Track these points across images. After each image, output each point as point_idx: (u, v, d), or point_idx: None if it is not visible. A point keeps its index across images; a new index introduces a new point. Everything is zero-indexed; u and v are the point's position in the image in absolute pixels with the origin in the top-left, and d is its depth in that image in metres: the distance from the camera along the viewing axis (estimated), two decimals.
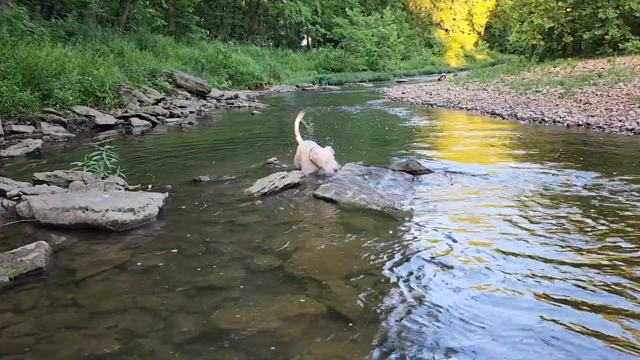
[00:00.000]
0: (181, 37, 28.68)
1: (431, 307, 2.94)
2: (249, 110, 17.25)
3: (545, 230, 4.18)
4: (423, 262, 3.60)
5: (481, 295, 3.07)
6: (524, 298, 3.02)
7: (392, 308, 2.93)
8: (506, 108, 13.19)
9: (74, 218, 4.18)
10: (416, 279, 3.33)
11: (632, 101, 10.93)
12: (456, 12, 72.48)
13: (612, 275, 3.27)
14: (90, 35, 18.49)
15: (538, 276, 3.29)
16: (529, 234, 4.08)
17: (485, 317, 2.80)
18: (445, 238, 4.06)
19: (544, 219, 4.48)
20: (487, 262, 3.55)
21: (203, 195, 5.49)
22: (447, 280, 3.30)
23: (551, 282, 3.20)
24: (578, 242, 3.88)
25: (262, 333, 2.69)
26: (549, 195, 5.22)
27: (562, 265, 3.45)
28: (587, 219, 4.40)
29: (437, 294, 3.10)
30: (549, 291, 3.08)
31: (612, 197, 5.03)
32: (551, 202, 4.99)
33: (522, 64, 25.31)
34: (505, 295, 3.06)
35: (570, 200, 5.02)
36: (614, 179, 5.72)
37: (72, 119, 11.49)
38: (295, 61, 39.01)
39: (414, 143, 9.16)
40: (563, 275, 3.30)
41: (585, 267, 3.41)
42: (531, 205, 4.93)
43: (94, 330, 2.74)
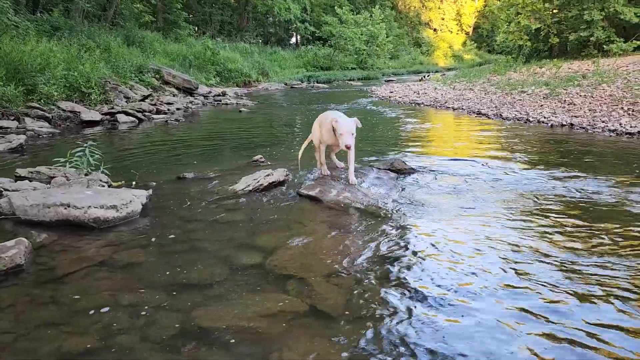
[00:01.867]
0: (169, 33, 28.47)
1: (412, 304, 2.97)
2: (236, 108, 17.19)
3: (523, 226, 4.24)
4: (405, 260, 3.63)
5: (462, 290, 3.11)
6: (503, 293, 3.06)
7: (373, 305, 2.96)
8: (492, 108, 13.30)
9: (55, 215, 4.15)
10: (398, 277, 3.36)
11: (615, 102, 11.08)
12: (445, 12, 72.84)
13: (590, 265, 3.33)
14: (76, 30, 18.29)
15: (516, 270, 3.34)
16: (508, 231, 4.14)
17: (465, 314, 2.84)
18: (427, 236, 4.10)
19: (523, 216, 4.54)
20: (468, 259, 3.59)
21: (187, 192, 5.48)
22: (428, 277, 3.33)
23: (528, 274, 3.25)
24: (553, 235, 3.93)
25: (243, 330, 2.70)
26: (529, 194, 5.28)
27: (537, 253, 3.50)
28: (565, 216, 4.46)
29: (418, 291, 3.13)
30: (526, 284, 3.13)
31: (591, 196, 5.10)
32: (530, 200, 5.05)
33: (508, 64, 25.51)
34: (485, 290, 3.10)
35: (550, 198, 5.08)
36: (594, 179, 5.80)
37: (57, 114, 11.38)
38: (284, 59, 38.94)
39: (399, 142, 9.20)
40: (538, 265, 3.35)
41: (559, 257, 3.47)
42: (511, 203, 4.98)
43: (74, 328, 2.74)
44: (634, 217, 4.45)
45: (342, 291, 3.14)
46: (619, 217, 4.47)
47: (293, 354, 2.49)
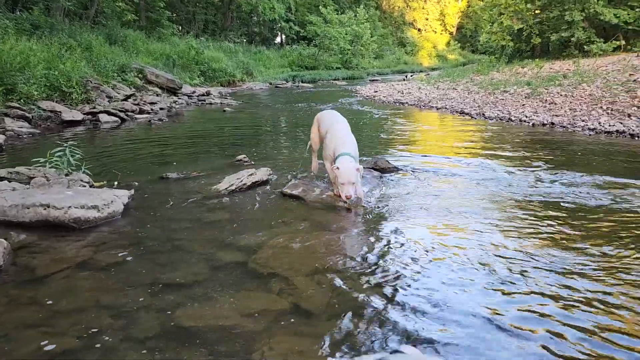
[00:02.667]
0: (152, 32, 28.19)
1: (394, 301, 3.00)
2: (220, 108, 17.11)
3: (502, 223, 4.29)
4: (388, 257, 3.65)
5: (441, 286, 3.15)
6: (480, 287, 3.10)
7: (355, 303, 2.98)
8: (475, 107, 13.43)
9: (35, 215, 4.10)
10: (380, 274, 3.38)
11: (594, 102, 11.26)
12: (429, 12, 73.26)
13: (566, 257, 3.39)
14: (57, 28, 18.00)
15: (492, 265, 3.39)
16: (488, 227, 4.19)
17: (445, 308, 2.87)
18: (410, 234, 4.13)
19: (502, 213, 4.60)
20: (449, 256, 3.63)
21: (170, 192, 5.45)
22: (410, 275, 3.36)
23: (502, 268, 3.30)
24: (526, 229, 3.99)
25: (225, 329, 2.70)
26: (508, 192, 5.35)
27: (509, 250, 3.55)
28: (541, 211, 4.53)
29: (399, 288, 3.16)
30: (502, 277, 3.17)
31: (569, 192, 5.19)
32: (509, 197, 5.12)
33: (491, 64, 25.76)
34: (462, 284, 3.14)
35: (527, 195, 5.15)
36: (573, 177, 5.89)
37: (37, 114, 11.21)
38: (268, 58, 38.82)
39: (383, 141, 9.24)
40: (510, 260, 3.40)
41: (531, 250, 3.52)
42: (491, 200, 5.05)
43: (54, 328, 2.71)
44: (609, 212, 4.53)
45: (324, 289, 3.15)
46: (593, 211, 4.55)
47: (275, 352, 2.49)
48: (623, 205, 4.77)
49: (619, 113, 10.01)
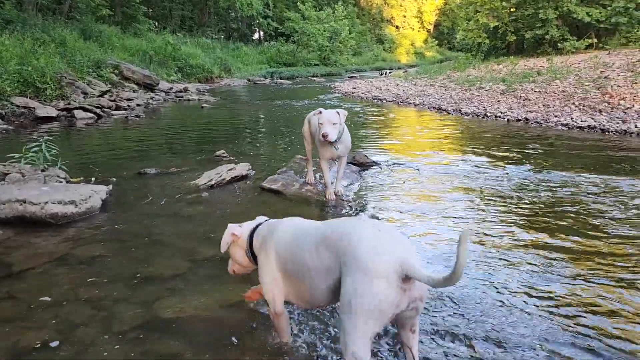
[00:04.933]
0: (128, 28, 27.84)
1: None
2: (198, 104, 17.00)
3: (473, 211, 4.40)
4: None
5: None
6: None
7: None
8: (452, 104, 13.61)
9: (11, 211, 4.05)
10: None
11: (567, 98, 11.51)
12: (406, 9, 73.71)
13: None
14: (29, 23, 17.68)
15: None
16: (461, 213, 4.29)
17: None
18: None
19: (479, 206, 4.71)
20: (425, 245, 3.71)
21: (148, 187, 5.43)
22: None
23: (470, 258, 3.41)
24: (490, 217, 4.11)
25: (204, 321, 2.73)
26: (479, 183, 5.47)
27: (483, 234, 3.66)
28: (508, 202, 4.66)
29: None
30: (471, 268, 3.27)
31: (540, 185, 5.33)
32: (482, 190, 5.23)
33: (468, 61, 26.08)
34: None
35: (499, 188, 5.28)
36: (545, 169, 6.05)
37: (10, 110, 11.01)
38: (246, 55, 38.65)
39: (362, 136, 9.32)
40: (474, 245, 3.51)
41: (494, 238, 3.63)
42: (465, 192, 5.16)
43: (32, 323, 2.70)
44: (569, 201, 4.68)
45: None
46: (555, 199, 4.69)
47: (254, 342, 2.53)
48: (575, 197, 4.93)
49: (591, 109, 10.26)
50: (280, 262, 2.28)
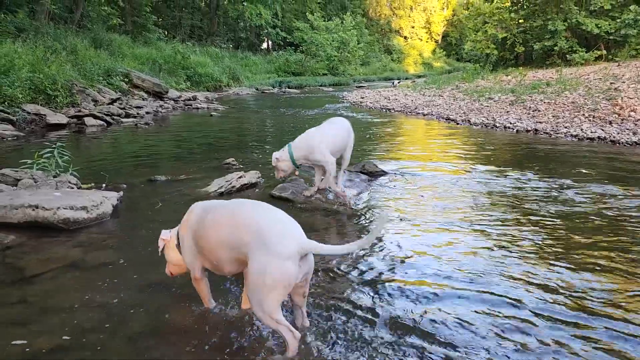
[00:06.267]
0: (138, 37, 28.10)
1: (379, 297, 3.05)
2: (207, 112, 17.09)
3: (481, 224, 4.37)
4: (372, 258, 3.70)
5: (427, 282, 3.21)
6: (458, 282, 3.17)
7: (343, 304, 3.02)
8: (460, 114, 13.59)
9: (24, 216, 4.08)
10: (366, 273, 3.43)
11: (576, 109, 11.48)
12: (415, 20, 73.93)
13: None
14: (41, 32, 17.88)
15: (470, 264, 3.46)
16: (468, 226, 4.27)
17: (428, 303, 2.92)
18: (396, 235, 4.19)
19: (484, 215, 4.68)
20: (432, 254, 3.69)
21: (158, 194, 5.45)
22: (396, 273, 3.41)
23: (476, 268, 3.38)
24: (491, 227, 4.08)
25: (215, 327, 2.72)
26: (490, 194, 5.44)
27: (483, 249, 3.63)
28: (519, 212, 4.63)
29: (386, 286, 3.21)
30: (474, 277, 3.25)
31: (551, 195, 5.30)
32: (490, 200, 5.21)
33: (476, 72, 26.07)
34: (440, 281, 3.20)
35: (509, 197, 5.25)
36: (556, 181, 6.01)
37: (22, 117, 11.11)
38: (255, 64, 38.87)
39: (371, 146, 9.33)
40: (483, 256, 3.48)
41: (508, 244, 3.61)
42: (473, 203, 5.13)
43: (43, 327, 2.71)
44: (582, 214, 4.64)
45: (314, 290, 3.18)
46: (567, 211, 4.65)
47: (265, 349, 2.52)
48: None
49: (601, 120, 10.22)
50: (195, 237, 2.67)
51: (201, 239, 2.62)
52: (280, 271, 2.24)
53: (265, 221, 2.36)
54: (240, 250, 2.41)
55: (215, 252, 2.54)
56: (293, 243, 2.28)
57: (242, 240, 2.38)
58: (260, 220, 2.36)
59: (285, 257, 2.25)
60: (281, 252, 2.25)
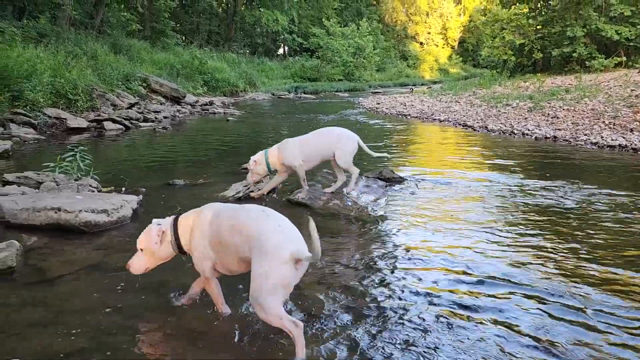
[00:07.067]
0: (156, 42, 28.41)
1: (397, 303, 3.03)
2: (224, 117, 17.21)
3: (500, 232, 4.33)
4: (390, 262, 3.69)
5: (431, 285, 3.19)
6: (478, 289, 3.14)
7: (363, 309, 3.01)
8: (477, 120, 13.50)
9: (46, 218, 4.14)
10: (384, 279, 3.42)
11: (596, 116, 11.34)
12: (431, 26, 73.69)
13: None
14: (63, 37, 18.18)
15: (497, 276, 3.43)
16: (487, 235, 4.23)
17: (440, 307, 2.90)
18: (413, 241, 4.18)
19: (504, 223, 4.64)
20: (448, 262, 3.66)
21: (177, 198, 5.49)
22: (412, 280, 3.39)
23: (488, 274, 3.34)
24: (508, 235, 4.03)
25: (232, 330, 2.73)
26: (509, 202, 5.39)
27: (494, 256, 3.59)
28: (537, 220, 4.57)
29: (403, 292, 3.19)
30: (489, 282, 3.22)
31: (575, 205, 5.23)
32: (509, 208, 5.16)
33: (493, 78, 25.92)
34: (458, 283, 3.18)
35: (527, 205, 5.20)
36: (577, 189, 5.93)
37: (43, 121, 11.29)
38: (271, 69, 39.04)
39: (388, 152, 9.30)
40: (495, 261, 3.44)
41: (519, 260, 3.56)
42: (492, 210, 5.09)
43: (63, 328, 2.74)
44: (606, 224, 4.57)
45: (331, 294, 3.18)
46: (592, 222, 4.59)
47: (280, 353, 2.52)
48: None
49: (621, 128, 10.07)
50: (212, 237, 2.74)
51: (216, 240, 2.72)
52: (280, 275, 2.40)
53: (265, 228, 2.53)
54: (245, 254, 2.59)
55: (227, 253, 2.69)
56: (290, 248, 2.43)
57: (247, 245, 2.56)
58: (260, 227, 2.54)
59: (282, 261, 2.41)
60: (279, 257, 2.41)
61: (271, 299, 2.41)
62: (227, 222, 2.70)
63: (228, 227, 2.67)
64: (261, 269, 2.43)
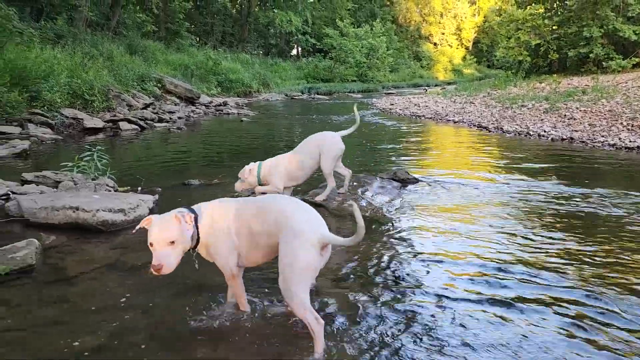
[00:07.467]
0: (171, 43, 28.65)
1: (411, 304, 3.02)
2: (237, 117, 17.29)
3: (514, 235, 4.29)
4: (404, 264, 3.67)
5: (456, 290, 3.16)
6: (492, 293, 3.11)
7: (377, 310, 3.00)
8: (492, 121, 13.40)
9: (64, 217, 4.19)
10: (398, 281, 3.40)
11: (614, 117, 11.18)
12: (445, 26, 73.30)
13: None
14: (79, 38, 18.42)
15: (510, 282, 3.39)
16: (502, 237, 4.19)
17: (455, 315, 2.88)
18: (428, 243, 4.15)
19: (517, 225, 4.59)
20: (463, 265, 3.63)
21: (193, 197, 5.50)
22: (427, 282, 3.38)
23: (503, 279, 3.30)
24: (529, 238, 3.98)
25: (252, 332, 2.73)
26: (524, 205, 5.34)
27: (507, 263, 3.55)
28: (549, 224, 4.52)
29: (416, 294, 3.18)
30: (502, 292, 3.18)
31: (590, 208, 5.16)
32: (523, 210, 5.10)
33: (508, 79, 25.68)
34: (473, 285, 3.15)
35: (543, 209, 5.14)
36: (594, 191, 5.85)
37: (60, 121, 11.44)
38: (284, 70, 39.14)
39: (402, 153, 9.27)
40: (504, 262, 3.40)
41: (521, 263, 3.52)
42: (508, 213, 5.04)
43: (83, 326, 2.77)
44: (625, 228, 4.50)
45: (347, 294, 3.18)
46: (608, 226, 4.52)
47: (299, 354, 2.52)
48: None
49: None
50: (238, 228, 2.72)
51: (244, 229, 2.71)
52: (308, 257, 2.44)
53: (294, 212, 2.58)
54: (273, 240, 2.62)
55: (254, 242, 2.70)
56: (318, 232, 2.48)
57: (275, 229, 2.60)
58: (289, 211, 2.59)
59: (311, 244, 2.44)
60: (308, 239, 2.45)
61: (299, 282, 2.43)
62: (254, 208, 2.72)
63: (256, 213, 2.69)
64: (291, 251, 2.46)
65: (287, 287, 2.45)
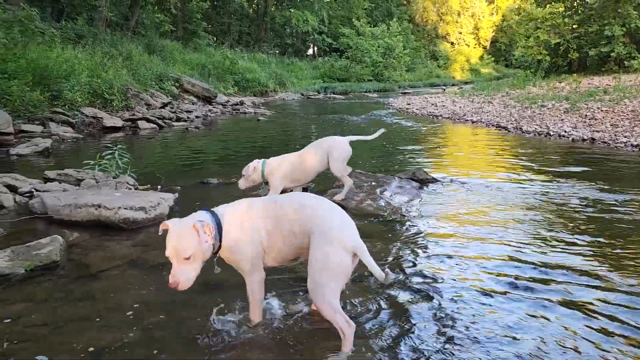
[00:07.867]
0: (189, 43, 28.87)
1: (427, 306, 2.99)
2: (254, 117, 17.35)
3: (535, 237, 4.23)
4: (423, 264, 3.65)
5: (472, 292, 3.13)
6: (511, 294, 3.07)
7: (394, 309, 2.98)
8: (511, 121, 13.26)
9: (87, 215, 4.24)
10: (416, 280, 3.38)
11: (637, 118, 10.99)
12: (462, 25, 72.73)
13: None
14: (99, 38, 18.67)
15: (529, 278, 3.35)
16: (522, 238, 4.14)
17: (474, 313, 2.85)
18: (447, 243, 4.12)
19: (539, 228, 4.53)
20: (480, 265, 3.60)
21: (212, 196, 5.55)
22: (446, 282, 3.35)
23: (518, 279, 3.26)
24: (552, 239, 3.92)
25: (273, 330, 2.74)
26: (545, 207, 5.27)
27: (524, 263, 3.50)
28: (573, 228, 4.44)
29: (434, 296, 3.15)
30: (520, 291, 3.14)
31: (610, 210, 5.07)
32: (545, 211, 5.04)
33: (527, 79, 25.42)
34: (491, 285, 3.11)
35: (565, 211, 5.06)
36: (615, 193, 5.75)
37: (80, 120, 11.59)
38: (301, 69, 39.18)
39: (420, 153, 9.22)
40: (525, 269, 3.35)
41: (538, 262, 3.46)
42: (527, 212, 4.98)
43: (107, 323, 2.80)
44: None
45: (367, 293, 3.16)
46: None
47: (323, 353, 2.52)
48: None
49: None
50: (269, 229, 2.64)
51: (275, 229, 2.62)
52: (341, 261, 2.40)
53: (329, 213, 2.54)
54: (305, 240, 2.55)
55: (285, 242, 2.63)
56: (352, 238, 2.45)
57: (308, 229, 2.53)
58: (324, 212, 2.54)
59: (344, 248, 2.41)
60: (341, 243, 2.41)
61: (329, 284, 2.39)
62: (286, 208, 2.63)
63: (287, 213, 2.60)
64: (324, 253, 2.41)
65: (317, 287, 2.42)
